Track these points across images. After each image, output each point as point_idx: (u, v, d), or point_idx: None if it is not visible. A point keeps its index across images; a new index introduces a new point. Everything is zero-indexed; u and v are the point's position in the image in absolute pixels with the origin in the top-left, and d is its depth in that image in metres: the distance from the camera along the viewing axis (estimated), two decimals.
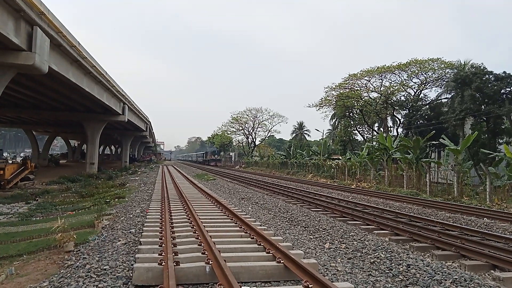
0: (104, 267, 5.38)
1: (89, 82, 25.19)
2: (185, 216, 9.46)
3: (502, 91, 31.43)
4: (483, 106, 31.66)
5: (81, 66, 22.71)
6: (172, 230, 7.52)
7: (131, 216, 10.33)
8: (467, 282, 5.09)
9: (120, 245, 6.89)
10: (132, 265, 5.38)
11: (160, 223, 8.45)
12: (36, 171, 29.33)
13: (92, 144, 35.77)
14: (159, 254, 5.63)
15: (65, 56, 20.38)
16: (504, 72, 32.07)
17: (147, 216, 9.71)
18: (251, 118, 79.04)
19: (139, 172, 39.48)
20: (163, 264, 5.04)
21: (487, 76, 32.29)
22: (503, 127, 32.68)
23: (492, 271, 6.27)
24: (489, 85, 31.20)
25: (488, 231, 9.49)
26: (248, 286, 4.85)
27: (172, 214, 9.78)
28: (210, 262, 5.15)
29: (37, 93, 27.51)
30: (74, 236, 7.18)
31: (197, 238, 6.79)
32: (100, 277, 5.02)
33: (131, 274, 5.08)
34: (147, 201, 13.72)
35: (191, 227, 7.91)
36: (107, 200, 15.00)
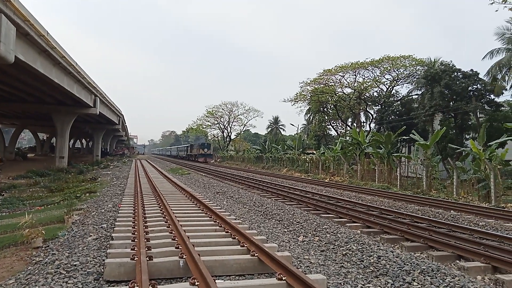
0: (74, 263, 5.25)
1: (58, 73, 24.34)
2: (159, 211, 9.34)
3: (469, 88, 32.58)
4: (451, 103, 32.74)
5: (50, 56, 21.90)
6: (145, 224, 7.42)
7: (103, 211, 10.11)
8: (434, 272, 5.28)
9: (91, 240, 6.74)
10: (103, 260, 5.28)
11: (133, 218, 8.31)
12: (2, 165, 28.21)
13: (62, 137, 34.69)
14: (131, 249, 5.55)
15: (32, 46, 19.58)
16: (471, 70, 33.25)
17: (120, 211, 9.53)
18: (227, 112, 78.77)
19: (112, 166, 38.67)
20: (135, 259, 4.97)
21: (455, 73, 33.39)
22: (469, 123, 33.95)
23: (457, 261, 6.52)
24: (457, 82, 32.28)
25: (454, 223, 9.85)
26: (222, 279, 4.85)
27: (145, 208, 9.64)
28: (184, 257, 5.12)
29: (3, 83, 26.34)
30: (43, 231, 6.96)
31: (171, 233, 6.73)
32: (70, 273, 4.89)
33: (102, 270, 4.99)
34: (119, 196, 13.46)
35: (165, 222, 7.83)
36: (77, 195, 14.61)
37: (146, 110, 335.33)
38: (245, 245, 5.92)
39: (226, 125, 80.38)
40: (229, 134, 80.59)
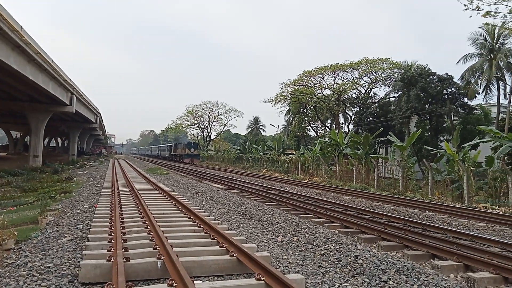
0: (48, 265, 5.11)
1: (33, 70, 23.67)
2: (137, 211, 9.21)
3: (444, 92, 33.50)
4: (427, 105, 33.59)
5: (24, 52, 21.28)
6: (123, 225, 7.30)
7: (78, 211, 9.88)
8: (409, 271, 5.40)
9: (66, 241, 6.58)
10: (79, 262, 5.16)
11: (110, 218, 8.17)
12: None
13: (36, 135, 33.75)
14: (108, 250, 5.45)
15: (5, 41, 18.98)
16: (446, 73, 34.22)
17: (96, 211, 9.35)
18: (207, 112, 78.43)
19: (88, 166, 37.87)
20: (112, 260, 4.88)
21: (431, 77, 34.27)
22: (444, 125, 34.92)
23: (432, 260, 6.69)
24: (433, 85, 33.14)
25: (429, 223, 10.10)
26: (200, 280, 4.82)
27: (122, 209, 9.48)
28: (162, 258, 5.06)
29: None
30: (15, 233, 6.74)
31: (149, 233, 6.65)
32: (44, 276, 4.76)
33: (77, 272, 4.88)
34: (96, 196, 13.19)
35: (143, 222, 7.73)
36: (52, 195, 14.23)
37: (125, 109, 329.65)
38: (224, 246, 5.91)
39: (206, 125, 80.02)
40: (209, 134, 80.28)
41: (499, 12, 19.13)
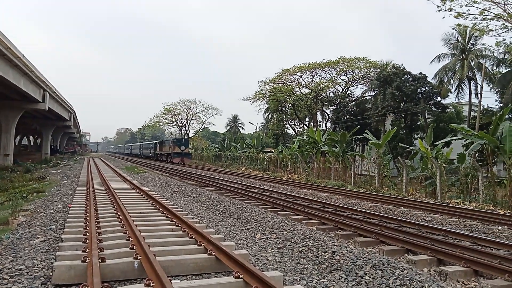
0: (20, 267, 4.95)
1: (3, 66, 22.83)
2: (113, 211, 9.04)
3: (418, 91, 34.32)
4: (402, 104, 34.33)
5: None
6: (98, 225, 7.15)
7: (52, 211, 9.62)
8: (385, 266, 5.51)
9: (39, 242, 6.39)
10: (52, 263, 5.02)
11: (85, 218, 7.98)
12: None
13: (7, 133, 32.60)
14: (83, 251, 5.32)
15: None
16: (420, 73, 35.07)
17: (70, 211, 9.12)
18: (185, 110, 77.64)
19: (62, 165, 36.92)
20: (87, 261, 4.77)
21: (406, 76, 35.04)
22: (418, 123, 35.81)
23: (406, 254, 6.85)
24: (408, 84, 33.90)
25: (404, 218, 10.34)
26: (178, 279, 4.78)
27: (98, 208, 9.29)
28: (139, 257, 4.99)
29: None
30: None
31: (125, 233, 6.53)
32: (14, 278, 4.61)
33: (50, 274, 4.74)
34: (70, 196, 12.87)
35: (119, 222, 7.59)
36: (24, 195, 13.79)
37: (100, 107, 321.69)
38: (202, 244, 5.87)
39: (184, 123, 79.29)
40: (187, 132, 79.57)
41: (470, 14, 19.74)
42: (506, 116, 22.89)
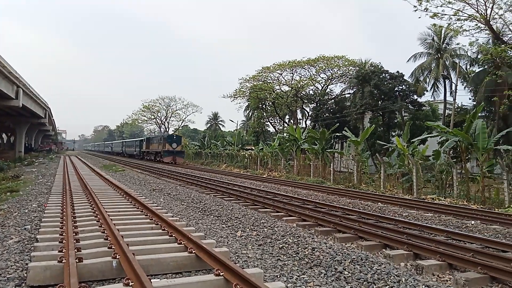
0: None
1: None
2: (90, 210, 8.87)
3: (395, 89, 35.03)
4: (379, 102, 34.95)
5: None
6: (75, 224, 7.00)
7: (26, 211, 9.35)
8: (363, 261, 5.61)
9: (13, 243, 6.20)
10: (27, 264, 4.89)
11: (61, 218, 7.80)
12: None
13: None
14: (59, 251, 5.20)
15: None
16: (398, 71, 35.79)
17: (46, 211, 8.89)
18: (164, 107, 76.92)
19: (37, 163, 35.95)
20: (63, 261, 4.67)
21: (383, 74, 35.70)
22: (395, 121, 36.51)
23: (384, 249, 6.99)
24: (385, 83, 34.54)
25: (381, 214, 10.55)
26: (158, 278, 4.74)
27: (75, 207, 9.09)
28: (118, 257, 4.91)
29: None
30: None
31: (103, 232, 6.42)
32: None
33: (25, 275, 4.62)
34: (45, 195, 12.54)
35: (97, 221, 7.45)
36: None
37: (77, 104, 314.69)
38: (182, 243, 5.83)
39: (164, 120, 78.46)
40: (167, 130, 78.73)
41: (445, 14, 20.25)
42: (479, 114, 23.64)
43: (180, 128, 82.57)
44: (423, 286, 4.64)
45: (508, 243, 7.21)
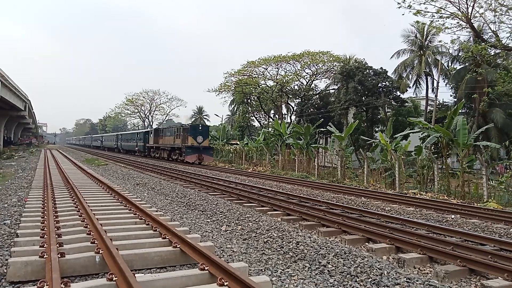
0: None
1: None
2: (72, 204, 8.72)
3: (379, 85, 35.45)
4: (363, 98, 35.34)
5: None
6: (57, 219, 6.88)
7: (6, 206, 9.14)
8: (346, 254, 5.69)
9: None
10: (6, 260, 4.78)
11: (42, 213, 7.65)
12: None
13: None
14: (40, 246, 5.11)
15: None
16: (381, 67, 36.23)
17: (26, 205, 8.71)
18: (148, 101, 76.11)
19: (16, 157, 35.10)
20: (45, 256, 4.59)
21: (367, 70, 36.06)
22: (379, 117, 36.99)
23: (367, 243, 7.10)
24: (369, 79, 34.93)
25: (365, 208, 10.69)
26: (142, 273, 4.71)
27: (56, 202, 8.93)
28: (101, 252, 4.85)
29: None
30: None
31: (86, 227, 6.33)
32: None
33: (5, 270, 4.52)
34: (26, 189, 12.28)
35: (79, 216, 7.34)
36: None
37: (58, 97, 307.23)
38: (167, 237, 5.80)
39: (148, 114, 77.61)
40: (151, 124, 77.94)
41: (428, 12, 20.54)
42: (460, 111, 24.14)
43: (164, 122, 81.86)
44: (405, 278, 4.74)
45: (486, 237, 7.42)
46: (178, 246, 5.33)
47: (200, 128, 32.37)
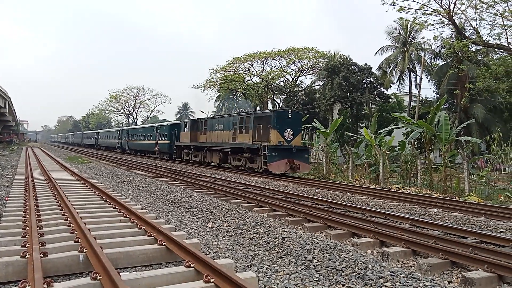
0: None
1: None
2: (55, 203, 8.58)
3: (363, 81, 35.78)
4: (348, 94, 35.64)
5: None
6: (39, 218, 6.76)
7: None
8: (332, 249, 5.75)
9: None
10: None
11: (24, 212, 7.50)
12: None
13: None
14: (22, 246, 5.01)
15: None
16: (366, 64, 36.52)
17: (7, 204, 8.52)
18: (132, 97, 75.19)
19: None
20: (27, 256, 4.50)
21: (352, 67, 36.33)
22: (363, 112, 37.38)
23: (352, 238, 7.18)
24: (354, 75, 35.20)
25: (350, 203, 10.80)
26: (127, 271, 4.66)
27: (38, 201, 8.76)
28: (85, 250, 4.79)
29: None
30: None
31: (69, 226, 6.24)
32: None
33: None
34: (6, 188, 12.01)
35: (62, 214, 7.22)
36: None
37: (39, 94, 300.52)
38: (152, 235, 5.76)
39: (132, 111, 76.72)
40: (135, 120, 77.10)
41: (412, 8, 20.80)
42: (442, 106, 24.57)
43: (149, 118, 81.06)
44: (388, 272, 4.81)
45: (467, 230, 7.59)
46: (163, 243, 5.30)
47: (289, 116, 19.64)
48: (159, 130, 34.23)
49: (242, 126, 21.70)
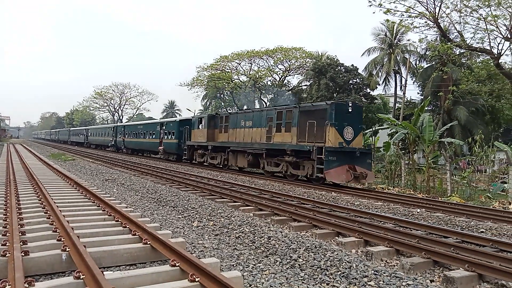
0: None
1: None
2: (37, 201, 8.42)
3: (350, 82, 36.12)
4: (335, 94, 35.90)
5: None
6: (20, 216, 6.61)
7: None
8: (317, 248, 5.79)
9: None
10: None
11: (5, 210, 7.34)
12: None
13: None
14: (2, 245, 4.90)
15: None
16: (352, 65, 36.88)
17: None
18: (118, 94, 74.27)
19: None
20: (7, 255, 4.41)
21: (339, 67, 36.63)
22: None
23: (337, 237, 7.24)
24: (340, 75, 35.50)
25: (335, 203, 10.89)
26: (111, 270, 4.61)
27: (20, 199, 8.58)
28: (67, 249, 4.72)
29: None
30: None
31: (52, 224, 6.13)
32: None
33: None
34: None
35: (45, 213, 7.09)
36: None
37: (21, 90, 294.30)
38: (137, 234, 5.70)
39: (117, 108, 75.82)
40: (120, 118, 76.21)
41: (398, 11, 21.09)
42: (426, 108, 24.97)
43: (135, 116, 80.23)
44: (372, 271, 4.87)
45: (449, 229, 7.74)
46: (148, 242, 5.26)
47: (349, 110, 15.62)
48: (164, 127, 30.07)
49: (281, 122, 17.74)
